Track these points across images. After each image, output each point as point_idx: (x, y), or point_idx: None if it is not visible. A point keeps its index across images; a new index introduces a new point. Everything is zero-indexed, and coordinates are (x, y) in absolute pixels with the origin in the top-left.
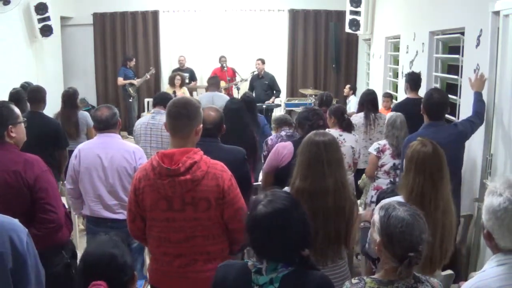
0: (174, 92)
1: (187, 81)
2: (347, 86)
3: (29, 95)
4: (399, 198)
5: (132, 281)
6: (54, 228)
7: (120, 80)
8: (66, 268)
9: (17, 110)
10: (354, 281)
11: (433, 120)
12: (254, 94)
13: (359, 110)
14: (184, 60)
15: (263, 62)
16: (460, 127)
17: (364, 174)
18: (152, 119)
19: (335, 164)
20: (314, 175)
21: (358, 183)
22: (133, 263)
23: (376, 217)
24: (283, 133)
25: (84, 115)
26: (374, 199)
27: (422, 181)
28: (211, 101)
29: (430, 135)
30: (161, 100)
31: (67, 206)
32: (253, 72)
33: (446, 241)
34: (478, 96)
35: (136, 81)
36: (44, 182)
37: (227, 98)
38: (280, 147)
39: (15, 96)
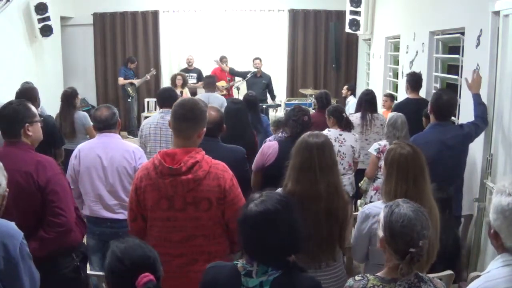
0: (182, 92)
1: (192, 80)
2: (345, 87)
3: (20, 96)
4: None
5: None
6: (63, 232)
7: (121, 80)
8: (75, 271)
9: (34, 108)
10: (357, 278)
11: (440, 121)
12: None
13: (357, 110)
14: (192, 59)
15: (261, 61)
16: (466, 129)
17: (365, 176)
18: (162, 119)
19: (327, 168)
20: (305, 180)
21: (360, 185)
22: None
23: (381, 215)
24: (281, 134)
25: (81, 115)
26: (374, 199)
27: (405, 186)
28: (207, 102)
29: (437, 135)
30: (165, 100)
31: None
32: (251, 72)
33: (432, 241)
34: (478, 99)
35: (136, 81)
36: (55, 185)
37: (223, 98)
38: (265, 147)
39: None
